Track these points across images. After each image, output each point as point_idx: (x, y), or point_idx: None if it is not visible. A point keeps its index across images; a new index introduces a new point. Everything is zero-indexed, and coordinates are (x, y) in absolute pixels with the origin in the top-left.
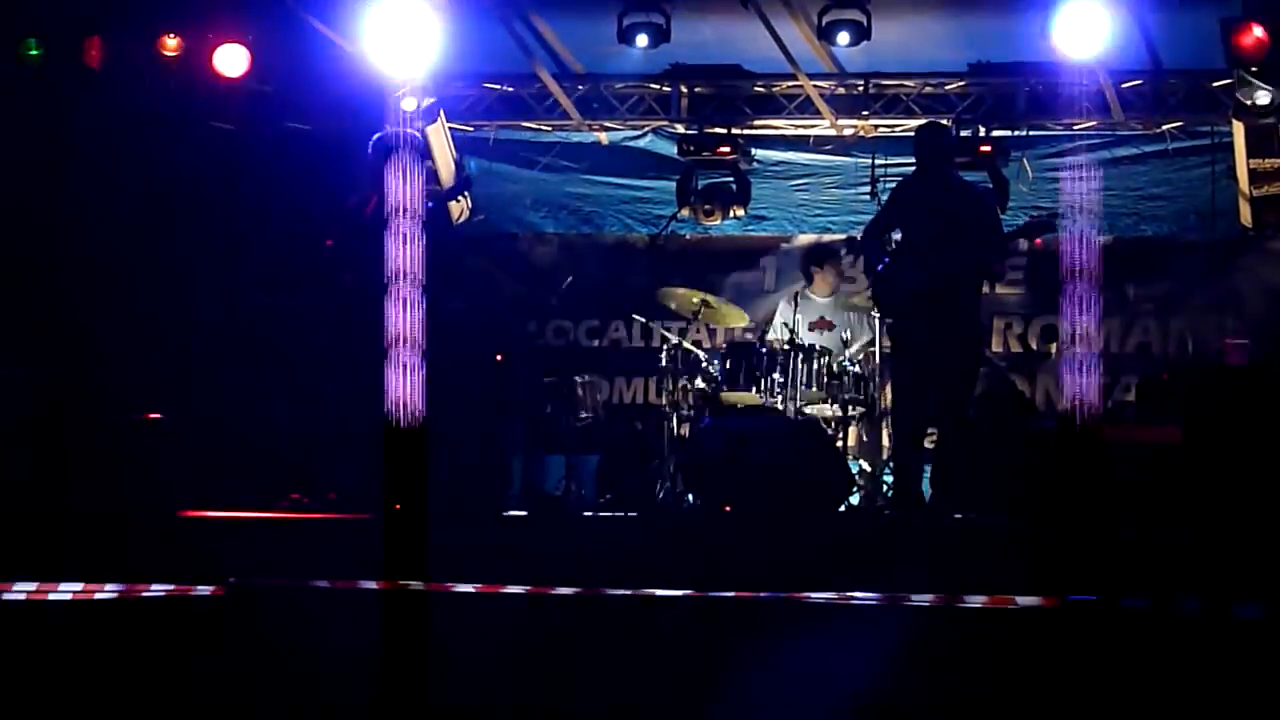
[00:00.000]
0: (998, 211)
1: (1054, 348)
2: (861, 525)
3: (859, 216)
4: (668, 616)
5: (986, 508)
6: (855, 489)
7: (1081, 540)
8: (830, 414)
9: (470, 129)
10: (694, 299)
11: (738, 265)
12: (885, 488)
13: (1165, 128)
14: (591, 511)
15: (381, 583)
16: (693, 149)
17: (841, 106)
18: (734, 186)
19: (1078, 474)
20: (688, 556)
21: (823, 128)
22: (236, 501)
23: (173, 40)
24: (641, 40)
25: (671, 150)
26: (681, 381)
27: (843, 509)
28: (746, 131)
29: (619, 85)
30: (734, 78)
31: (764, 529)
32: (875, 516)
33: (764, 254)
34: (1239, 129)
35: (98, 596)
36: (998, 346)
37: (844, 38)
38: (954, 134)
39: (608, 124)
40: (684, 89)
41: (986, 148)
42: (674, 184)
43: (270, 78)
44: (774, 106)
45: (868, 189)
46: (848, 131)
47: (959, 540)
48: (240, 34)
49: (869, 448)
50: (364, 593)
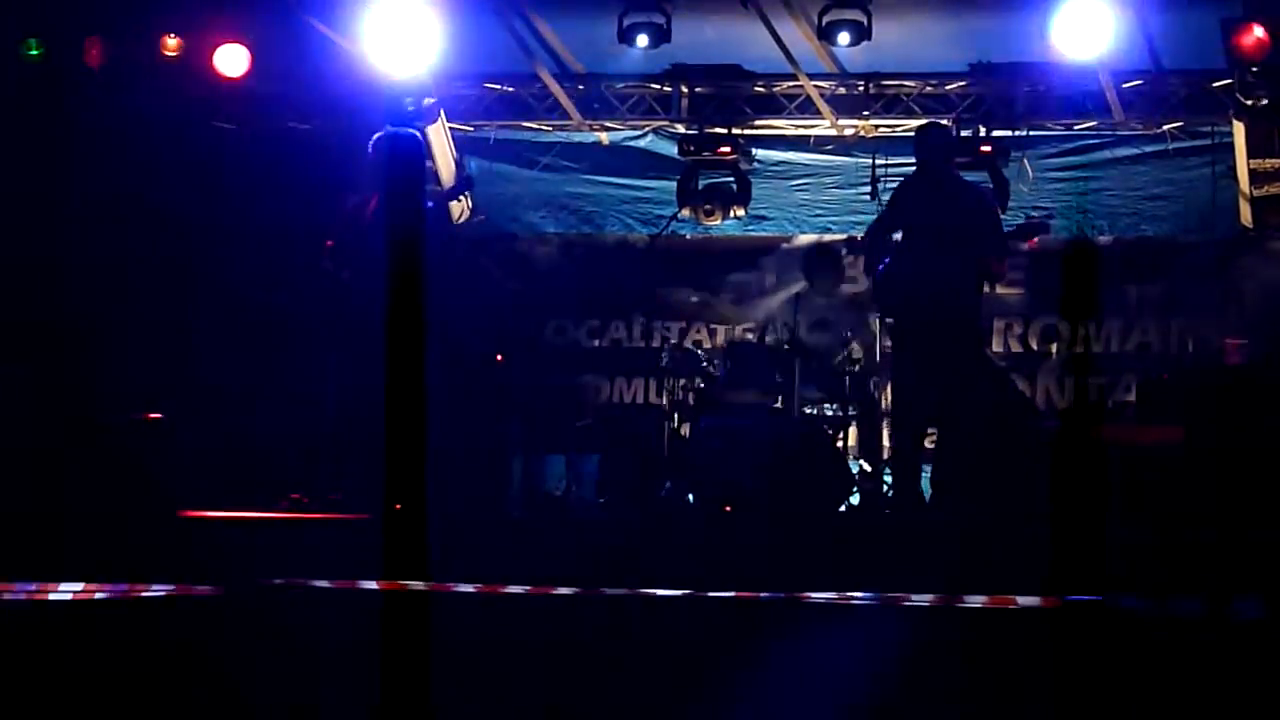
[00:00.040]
0: (998, 212)
1: (1054, 348)
2: (861, 525)
3: (859, 216)
4: (668, 616)
5: (986, 508)
6: (855, 489)
7: (1081, 540)
8: (830, 414)
9: (470, 129)
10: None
11: (738, 265)
12: (885, 488)
13: (1166, 128)
14: (591, 511)
15: (381, 583)
16: (693, 149)
17: (842, 106)
18: (734, 186)
19: (1078, 474)
20: (688, 556)
21: (823, 128)
22: (236, 501)
23: (173, 40)
24: (642, 40)
25: (672, 150)
26: (681, 381)
27: (843, 509)
28: (747, 131)
29: (619, 85)
30: (734, 78)
31: (764, 529)
32: (875, 516)
33: (764, 254)
34: (1239, 129)
35: (98, 596)
36: (998, 346)
37: (844, 38)
38: (954, 134)
39: (608, 124)
40: (684, 89)
41: (986, 148)
42: (674, 184)
43: (270, 78)
44: (774, 106)
45: (868, 189)
46: (848, 131)
47: (959, 540)
48: (240, 34)
49: (869, 448)
50: (364, 593)
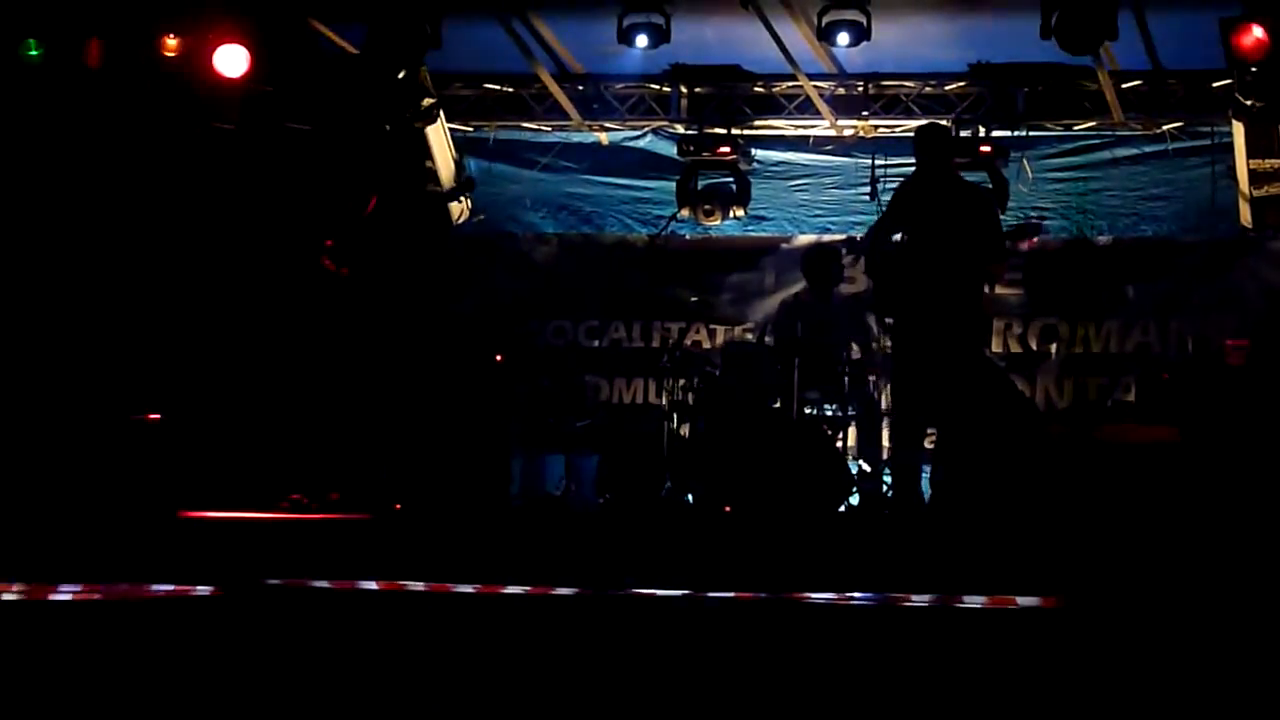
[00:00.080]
0: (997, 213)
1: (1053, 348)
2: (861, 525)
3: (859, 217)
4: (667, 617)
5: (986, 508)
6: (855, 489)
7: (1079, 540)
8: (830, 414)
9: (470, 129)
10: None
11: (738, 265)
12: (885, 488)
13: (1165, 128)
14: (591, 511)
15: (381, 583)
16: (693, 149)
17: (841, 107)
18: (734, 187)
19: (1076, 474)
20: (688, 556)
21: (823, 128)
22: (236, 501)
23: (173, 40)
24: (641, 40)
25: (671, 150)
26: (681, 381)
27: (842, 509)
28: (746, 132)
29: (619, 85)
30: (734, 78)
31: (764, 529)
32: (875, 516)
33: (764, 254)
34: (1238, 129)
35: (97, 596)
36: (997, 346)
37: (844, 38)
38: (954, 134)
39: (608, 124)
40: (684, 89)
41: (986, 148)
42: (674, 184)
43: (270, 78)
44: (774, 107)
45: (868, 189)
46: (848, 132)
47: (959, 540)
48: (240, 34)
49: (869, 448)
50: (364, 593)
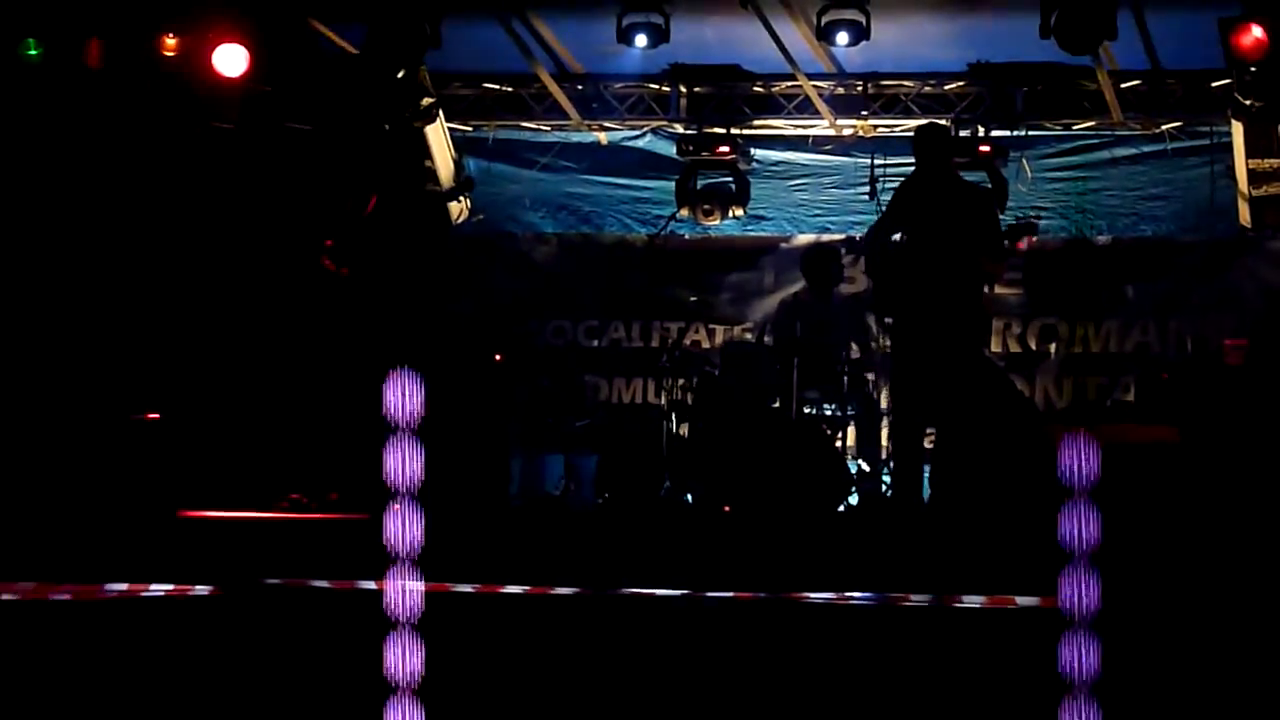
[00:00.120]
0: (996, 213)
1: (1053, 348)
2: (861, 525)
3: (858, 217)
4: (667, 616)
5: (986, 508)
6: (854, 489)
7: (1080, 540)
8: (829, 414)
9: (469, 129)
10: None
11: (737, 265)
12: (885, 488)
13: (1164, 128)
14: (591, 511)
15: (380, 583)
16: (692, 149)
17: (841, 106)
18: (733, 186)
19: (1075, 474)
20: (687, 556)
21: (822, 128)
22: (236, 501)
23: (172, 40)
24: (641, 40)
25: (671, 150)
26: (680, 381)
27: (842, 509)
28: (746, 131)
29: (618, 85)
30: (733, 78)
31: (763, 529)
32: (875, 516)
33: (763, 254)
34: (1238, 129)
35: (99, 596)
36: (997, 346)
37: (843, 38)
38: (953, 134)
39: (607, 124)
40: (683, 89)
41: (985, 148)
42: (673, 184)
43: (270, 78)
44: (773, 106)
45: (867, 189)
46: (847, 131)
47: (959, 540)
48: (240, 34)
49: (868, 448)
50: (364, 593)
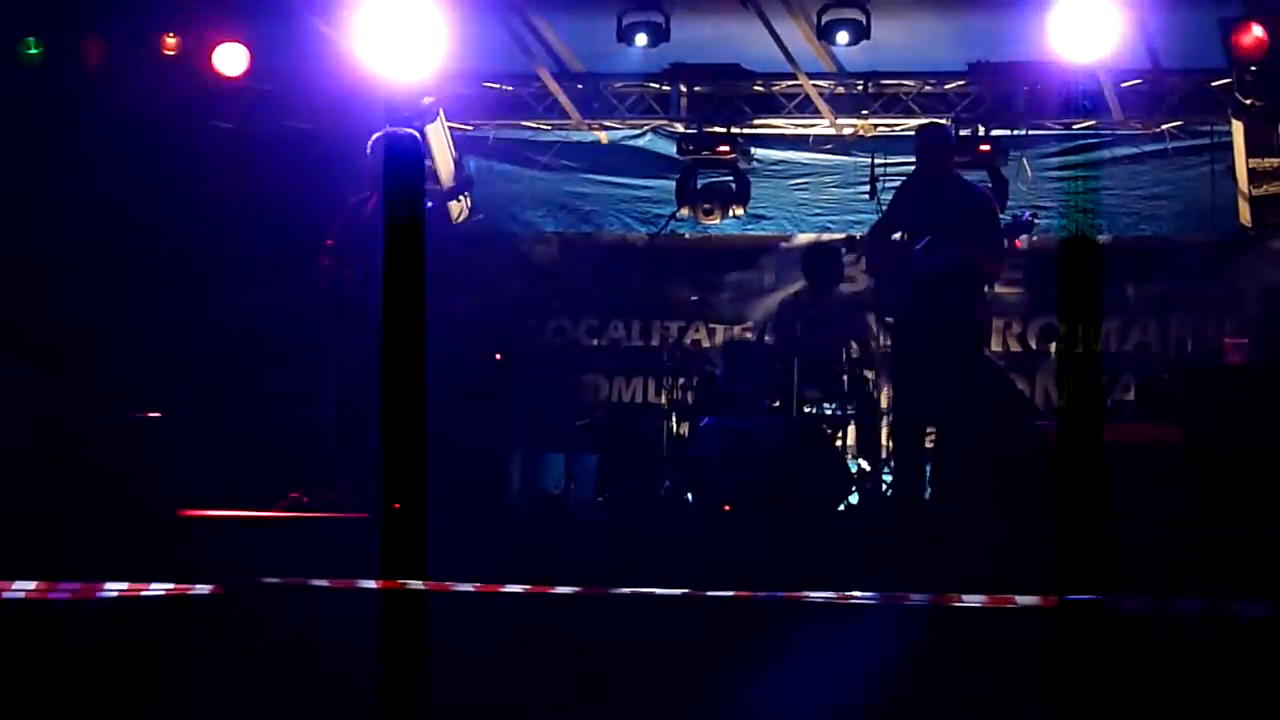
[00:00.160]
0: (997, 212)
1: (1053, 347)
2: (860, 525)
3: (858, 216)
4: (667, 616)
5: (986, 508)
6: (854, 488)
7: (1081, 540)
8: (830, 413)
9: (470, 128)
10: None
11: (737, 264)
12: (885, 487)
13: (1164, 127)
14: (590, 511)
15: (381, 582)
16: (692, 148)
17: (841, 106)
18: (733, 186)
19: (1076, 474)
20: (687, 556)
21: (822, 127)
22: (236, 501)
23: (173, 40)
24: (641, 39)
25: (671, 149)
26: (681, 381)
27: (842, 508)
28: (746, 131)
29: (618, 84)
30: (733, 77)
31: (763, 528)
32: (875, 516)
33: (763, 253)
34: (1238, 128)
35: (98, 596)
36: (997, 346)
37: (843, 37)
38: (953, 133)
39: (607, 123)
40: (683, 88)
41: (986, 147)
42: (673, 183)
43: (270, 77)
44: (773, 106)
45: (867, 188)
46: (847, 131)
47: (959, 540)
48: (240, 34)
49: (869, 447)
50: (364, 592)
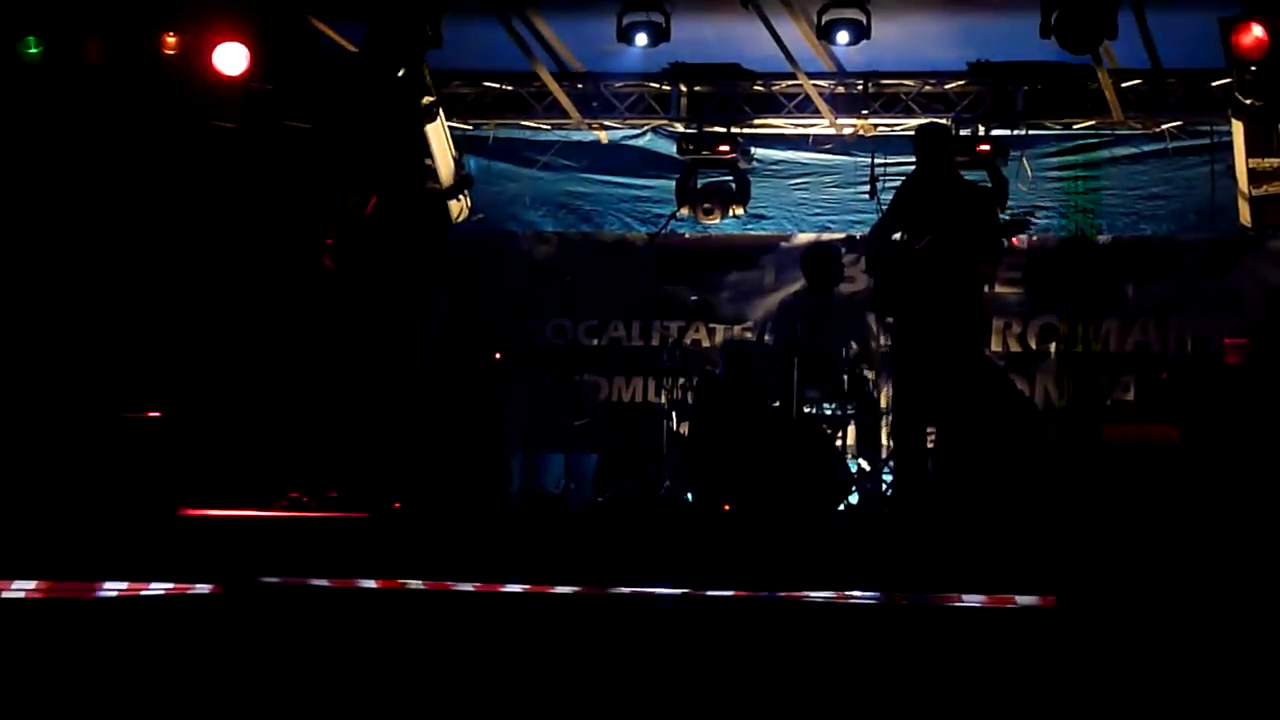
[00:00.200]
0: (996, 213)
1: (1053, 347)
2: (861, 525)
3: (858, 216)
4: (667, 615)
5: (986, 508)
6: (854, 488)
7: (1079, 540)
8: (830, 413)
9: (469, 127)
10: None
11: (737, 264)
12: (885, 487)
13: (1164, 127)
14: (590, 510)
15: (381, 582)
16: (692, 148)
17: (841, 106)
18: (733, 185)
19: (1076, 474)
20: (687, 556)
21: (822, 127)
22: (236, 499)
23: (172, 38)
24: (641, 39)
25: (671, 149)
26: (680, 381)
27: (842, 508)
28: (746, 130)
29: (618, 84)
30: (733, 76)
31: (763, 528)
32: (875, 516)
33: (763, 253)
34: (1238, 128)
35: (98, 596)
36: (997, 346)
37: (844, 37)
38: (954, 133)
39: (607, 122)
40: (683, 88)
41: (985, 147)
42: (673, 183)
43: (270, 76)
44: (773, 105)
45: (867, 188)
46: (847, 131)
47: (959, 540)
48: (240, 32)
49: (868, 447)
50: (364, 592)
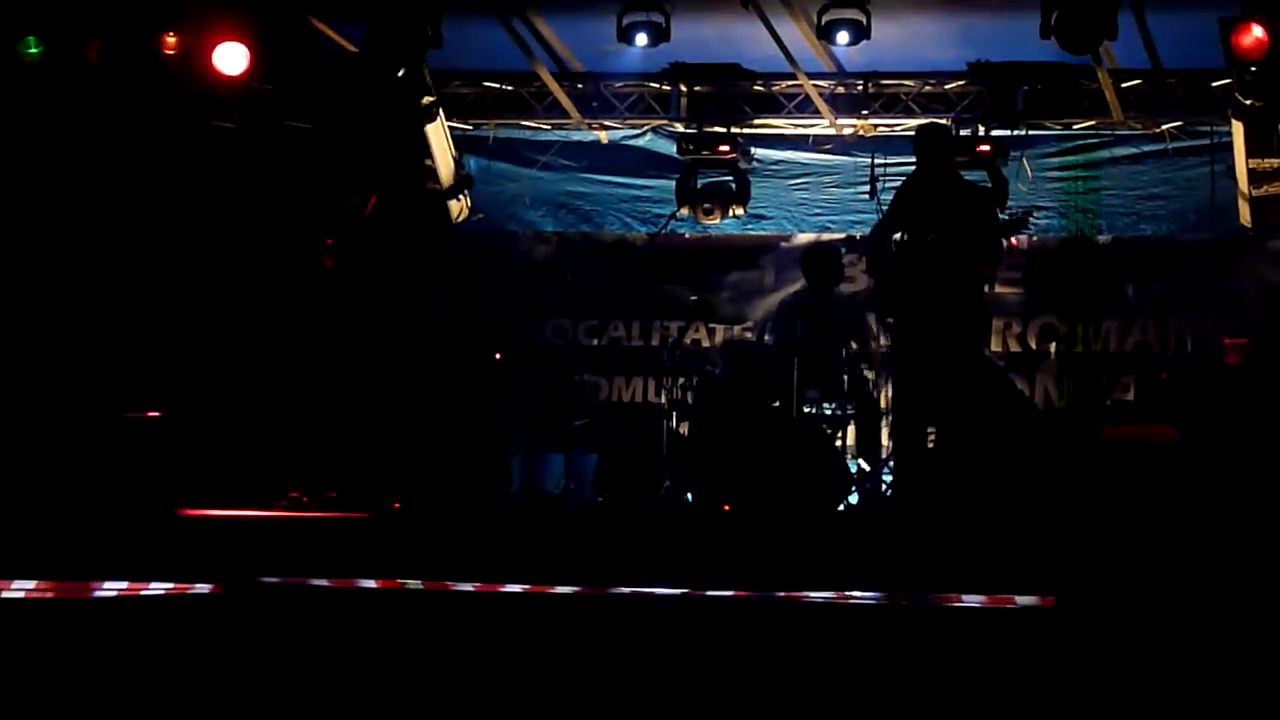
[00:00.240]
0: (996, 213)
1: (1053, 347)
2: (860, 525)
3: (858, 216)
4: (667, 615)
5: (986, 508)
6: (854, 488)
7: (1078, 540)
8: (829, 413)
9: (469, 127)
10: None
11: (737, 264)
12: (885, 487)
13: (1164, 127)
14: (590, 510)
15: (381, 582)
16: (692, 148)
17: (841, 106)
18: (733, 185)
19: (1076, 474)
20: (687, 556)
21: (822, 127)
22: (235, 499)
23: (172, 38)
24: (641, 39)
25: (671, 149)
26: (680, 380)
27: (841, 508)
28: (746, 130)
29: (618, 84)
30: (733, 77)
31: (763, 528)
32: (874, 516)
33: (763, 253)
34: (1238, 128)
35: (98, 595)
36: (997, 346)
37: (844, 37)
38: (954, 133)
39: (607, 122)
40: (683, 88)
41: (985, 147)
42: (673, 183)
43: (270, 76)
44: (773, 105)
45: (867, 188)
46: (847, 131)
47: (958, 540)
48: (240, 32)
49: (868, 447)
50: (364, 592)
